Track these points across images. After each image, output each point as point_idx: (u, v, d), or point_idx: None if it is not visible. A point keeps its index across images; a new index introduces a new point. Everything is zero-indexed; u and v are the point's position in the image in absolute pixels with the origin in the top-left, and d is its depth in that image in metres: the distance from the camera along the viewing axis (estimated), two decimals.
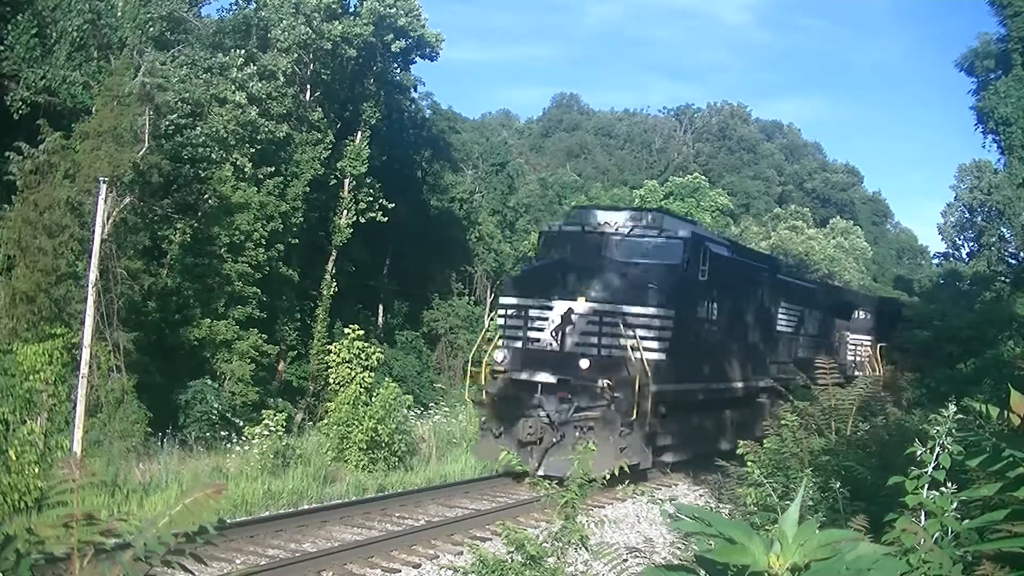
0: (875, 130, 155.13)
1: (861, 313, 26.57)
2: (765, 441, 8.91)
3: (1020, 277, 33.14)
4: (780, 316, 20.62)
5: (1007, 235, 45.09)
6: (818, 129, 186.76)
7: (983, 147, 30.34)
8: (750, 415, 18.11)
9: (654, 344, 14.39)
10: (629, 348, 14.00)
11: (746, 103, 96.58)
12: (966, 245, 52.81)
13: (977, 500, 3.38)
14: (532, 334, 14.79)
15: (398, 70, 36.57)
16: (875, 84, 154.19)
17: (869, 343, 26.00)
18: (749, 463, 8.13)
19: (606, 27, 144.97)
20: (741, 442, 8.81)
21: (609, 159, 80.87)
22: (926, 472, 3.54)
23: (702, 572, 2.16)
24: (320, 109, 32.27)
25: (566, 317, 14.46)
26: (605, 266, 15.08)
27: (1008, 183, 35.51)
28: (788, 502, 5.36)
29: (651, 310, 14.56)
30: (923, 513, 3.45)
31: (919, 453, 3.62)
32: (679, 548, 5.83)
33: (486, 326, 16.83)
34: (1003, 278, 35.52)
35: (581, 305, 14.52)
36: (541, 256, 16.85)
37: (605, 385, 13.80)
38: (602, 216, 16.19)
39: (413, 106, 42.39)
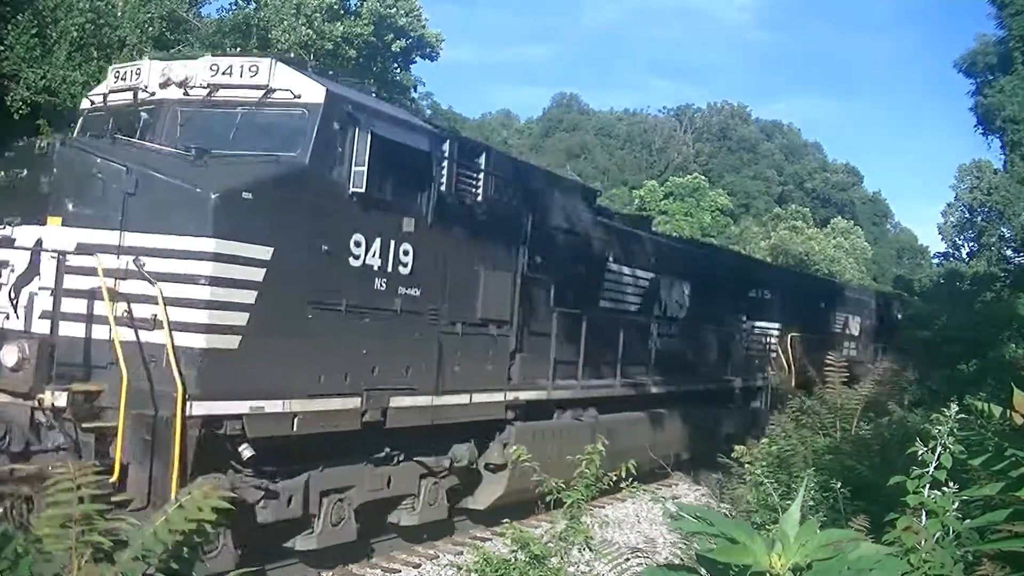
0: (875, 130, 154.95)
1: (766, 293, 19.32)
2: (763, 441, 8.71)
3: (1020, 277, 33.14)
4: (609, 285, 13.08)
5: (1007, 235, 45.13)
6: (818, 129, 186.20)
7: (987, 148, 30.38)
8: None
9: (203, 316, 7.02)
10: (134, 322, 6.98)
11: (746, 103, 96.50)
12: (966, 245, 52.90)
13: (978, 500, 3.38)
14: None
15: (398, 70, 36.56)
16: (875, 84, 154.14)
17: (778, 333, 18.93)
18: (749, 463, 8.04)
19: (606, 27, 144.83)
20: (738, 447, 7.68)
21: (609, 159, 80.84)
22: (928, 472, 3.53)
23: (703, 572, 2.16)
24: None
25: (32, 258, 7.29)
26: (134, 159, 7.41)
27: (1010, 181, 35.57)
28: (789, 502, 5.35)
29: (201, 243, 7.05)
30: (924, 513, 3.45)
31: (920, 452, 3.61)
32: (681, 548, 5.83)
33: None
34: (1003, 278, 35.54)
35: (56, 234, 7.18)
36: None
37: (55, 405, 6.74)
38: (164, 70, 8.44)
39: (413, 106, 42.38)
